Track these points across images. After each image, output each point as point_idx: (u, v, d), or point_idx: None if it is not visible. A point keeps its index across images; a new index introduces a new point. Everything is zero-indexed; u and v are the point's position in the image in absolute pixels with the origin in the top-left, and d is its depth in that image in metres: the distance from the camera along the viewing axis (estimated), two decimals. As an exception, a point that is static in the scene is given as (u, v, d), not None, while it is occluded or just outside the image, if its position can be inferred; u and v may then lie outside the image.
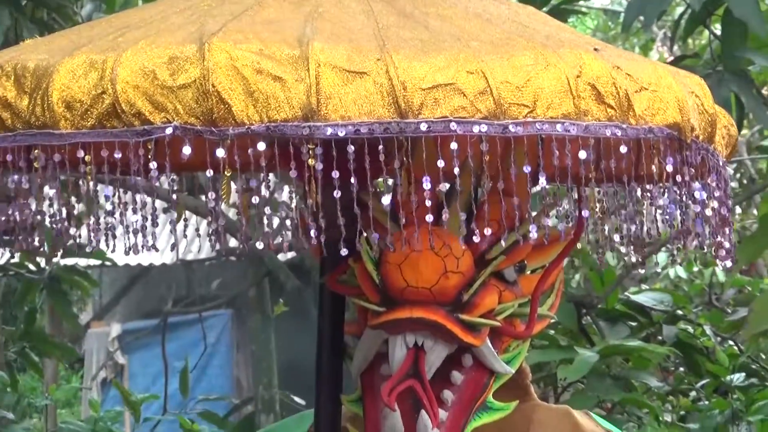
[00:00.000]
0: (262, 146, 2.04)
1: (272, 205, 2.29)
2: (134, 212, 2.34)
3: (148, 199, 2.32)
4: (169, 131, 2.04)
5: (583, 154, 2.13)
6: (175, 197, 2.63)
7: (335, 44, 2.08)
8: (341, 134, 2.02)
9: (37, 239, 2.41)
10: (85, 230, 2.47)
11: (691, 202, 2.34)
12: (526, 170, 2.12)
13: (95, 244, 2.44)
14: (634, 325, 5.59)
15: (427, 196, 2.07)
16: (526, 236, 2.30)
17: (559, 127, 2.10)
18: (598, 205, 2.56)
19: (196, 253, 9.24)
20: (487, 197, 2.34)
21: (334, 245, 2.14)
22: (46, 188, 2.32)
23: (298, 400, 7.44)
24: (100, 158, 2.08)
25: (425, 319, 2.37)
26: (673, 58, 5.98)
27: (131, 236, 2.37)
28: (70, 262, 7.17)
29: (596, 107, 2.14)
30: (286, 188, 2.77)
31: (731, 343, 6.14)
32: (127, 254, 2.39)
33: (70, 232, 2.42)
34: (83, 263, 7.69)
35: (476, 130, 2.05)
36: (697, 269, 7.22)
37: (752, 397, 5.56)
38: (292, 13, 2.24)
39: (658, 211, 2.42)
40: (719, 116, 2.43)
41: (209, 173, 2.06)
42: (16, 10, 5.31)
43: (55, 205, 2.36)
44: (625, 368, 5.14)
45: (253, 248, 2.28)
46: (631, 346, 5.01)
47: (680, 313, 5.94)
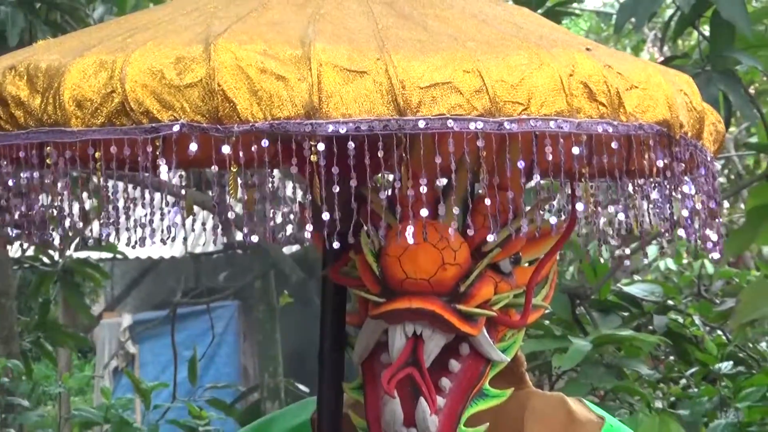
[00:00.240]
0: (265, 143, 2.05)
1: (276, 200, 2.29)
2: (143, 207, 2.34)
3: (157, 194, 2.32)
4: (176, 129, 2.03)
5: (575, 150, 2.13)
6: (183, 192, 2.63)
7: (336, 44, 2.08)
8: (342, 131, 2.02)
9: (52, 233, 2.41)
10: (96, 224, 2.46)
11: (680, 196, 2.34)
12: (520, 165, 2.12)
13: (106, 237, 2.43)
14: (625, 315, 5.59)
15: (424, 191, 2.07)
16: (520, 229, 2.30)
17: (552, 124, 2.10)
18: (590, 199, 2.55)
19: (203, 246, 9.25)
20: (486, 191, 2.34)
21: (337, 238, 2.14)
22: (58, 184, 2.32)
23: (302, 387, 7.44)
24: (109, 155, 2.08)
25: (424, 309, 2.36)
26: (663, 58, 5.96)
27: (140, 230, 2.37)
28: (82, 255, 7.17)
29: (588, 105, 2.13)
30: (289, 184, 2.78)
31: (719, 332, 6.14)
32: (134, 248, 2.38)
33: (79, 226, 2.41)
34: (95, 256, 7.70)
35: (472, 127, 2.05)
36: (686, 261, 7.21)
37: (740, 384, 5.55)
38: (294, 14, 2.23)
39: (648, 205, 2.42)
40: (707, 113, 2.43)
41: (215, 169, 2.06)
42: (30, 13, 5.31)
43: (66, 199, 2.35)
44: (617, 357, 5.13)
45: (260, 240, 2.28)
46: (623, 335, 5.01)
47: (670, 303, 5.94)
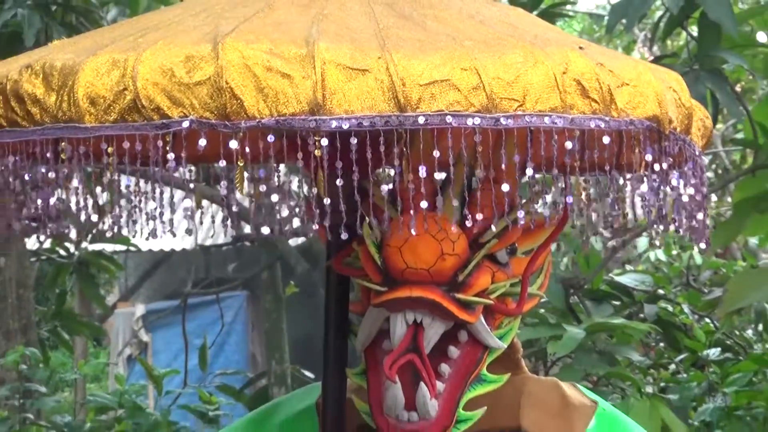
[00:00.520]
0: (271, 138, 2.04)
1: (283, 194, 2.28)
2: (153, 200, 2.34)
3: (166, 187, 2.31)
4: (185, 125, 2.03)
5: (569, 144, 2.13)
6: (192, 187, 2.63)
7: (339, 44, 2.08)
8: (345, 127, 2.02)
9: (67, 226, 2.41)
10: (109, 217, 2.46)
11: (669, 189, 2.33)
12: (515, 160, 2.11)
13: (118, 230, 2.43)
14: (617, 304, 5.59)
15: (423, 184, 2.07)
16: (516, 221, 2.29)
17: (546, 119, 2.09)
18: (583, 192, 2.54)
19: (213, 239, 9.25)
20: (481, 185, 2.33)
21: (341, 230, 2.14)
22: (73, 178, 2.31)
23: (307, 373, 7.44)
24: (122, 150, 2.08)
25: (424, 298, 2.36)
26: (653, 57, 5.95)
27: (152, 222, 2.37)
28: (97, 247, 7.18)
29: (581, 101, 2.13)
30: (295, 178, 2.77)
31: (707, 320, 6.15)
32: (147, 240, 2.38)
33: (93, 219, 2.41)
34: (110, 248, 7.70)
35: (470, 122, 2.05)
36: (675, 253, 7.21)
37: (727, 370, 5.56)
38: (299, 15, 2.23)
39: (639, 197, 2.42)
40: (695, 109, 2.43)
41: (223, 163, 2.06)
42: (46, 15, 5.31)
43: (80, 193, 2.35)
44: (609, 344, 5.13)
45: (266, 233, 2.28)
46: (615, 323, 5.01)
47: (660, 293, 5.95)
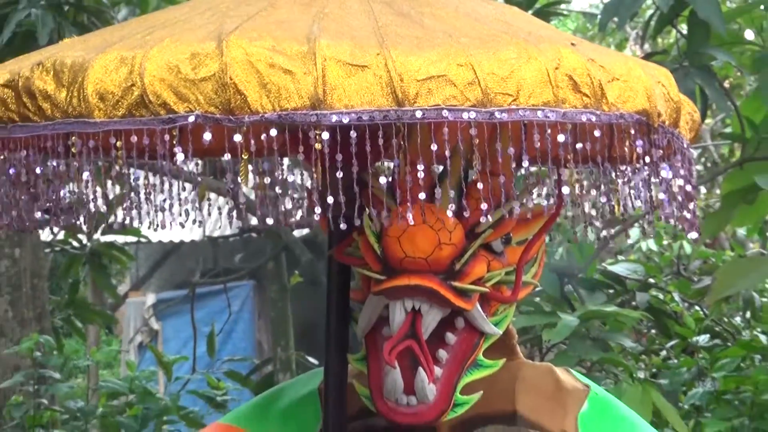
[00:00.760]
0: (274, 132, 2.04)
1: (286, 186, 2.28)
2: (162, 193, 2.34)
3: (175, 180, 2.31)
4: (191, 119, 2.03)
5: (561, 137, 2.13)
6: (199, 179, 2.63)
7: (339, 41, 2.07)
8: (345, 121, 2.02)
9: (79, 218, 2.41)
10: (121, 209, 2.46)
11: (658, 180, 2.33)
12: (510, 152, 2.11)
13: (130, 222, 2.43)
14: (610, 292, 5.60)
15: (421, 176, 2.07)
16: (511, 212, 2.29)
17: (539, 113, 2.09)
18: (576, 184, 2.54)
19: (221, 230, 9.25)
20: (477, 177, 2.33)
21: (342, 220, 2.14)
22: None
23: (311, 359, 7.45)
24: (130, 144, 2.08)
25: (422, 286, 2.36)
26: (643, 54, 5.95)
27: (161, 214, 2.37)
28: (109, 238, 7.18)
29: (573, 96, 2.13)
30: (298, 171, 2.77)
31: (697, 308, 6.15)
32: (155, 230, 2.38)
33: (104, 210, 2.41)
34: (121, 240, 7.70)
35: (466, 116, 2.05)
36: (666, 243, 7.21)
37: (716, 355, 5.56)
38: (300, 13, 2.23)
39: (629, 189, 2.41)
40: (684, 104, 2.42)
41: (228, 157, 2.06)
42: (59, 15, 5.31)
43: (90, 186, 2.35)
44: (602, 331, 5.13)
45: (272, 224, 2.27)
46: (608, 311, 5.01)
47: (652, 281, 5.94)
